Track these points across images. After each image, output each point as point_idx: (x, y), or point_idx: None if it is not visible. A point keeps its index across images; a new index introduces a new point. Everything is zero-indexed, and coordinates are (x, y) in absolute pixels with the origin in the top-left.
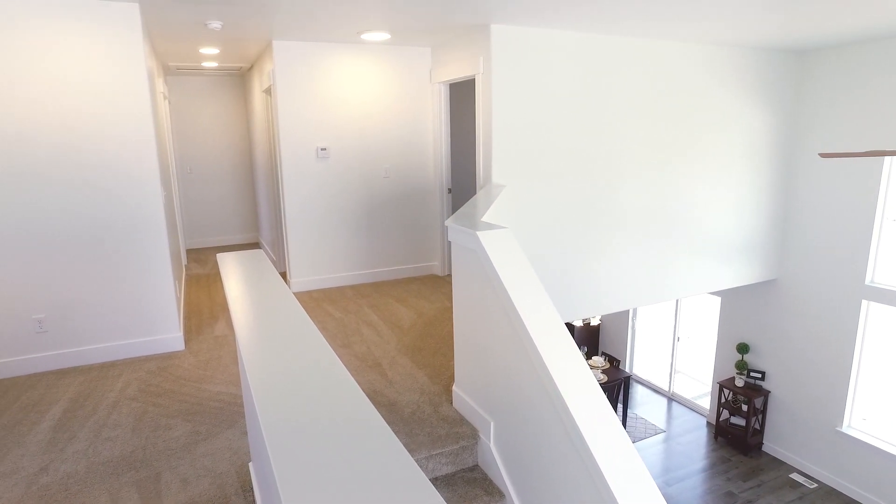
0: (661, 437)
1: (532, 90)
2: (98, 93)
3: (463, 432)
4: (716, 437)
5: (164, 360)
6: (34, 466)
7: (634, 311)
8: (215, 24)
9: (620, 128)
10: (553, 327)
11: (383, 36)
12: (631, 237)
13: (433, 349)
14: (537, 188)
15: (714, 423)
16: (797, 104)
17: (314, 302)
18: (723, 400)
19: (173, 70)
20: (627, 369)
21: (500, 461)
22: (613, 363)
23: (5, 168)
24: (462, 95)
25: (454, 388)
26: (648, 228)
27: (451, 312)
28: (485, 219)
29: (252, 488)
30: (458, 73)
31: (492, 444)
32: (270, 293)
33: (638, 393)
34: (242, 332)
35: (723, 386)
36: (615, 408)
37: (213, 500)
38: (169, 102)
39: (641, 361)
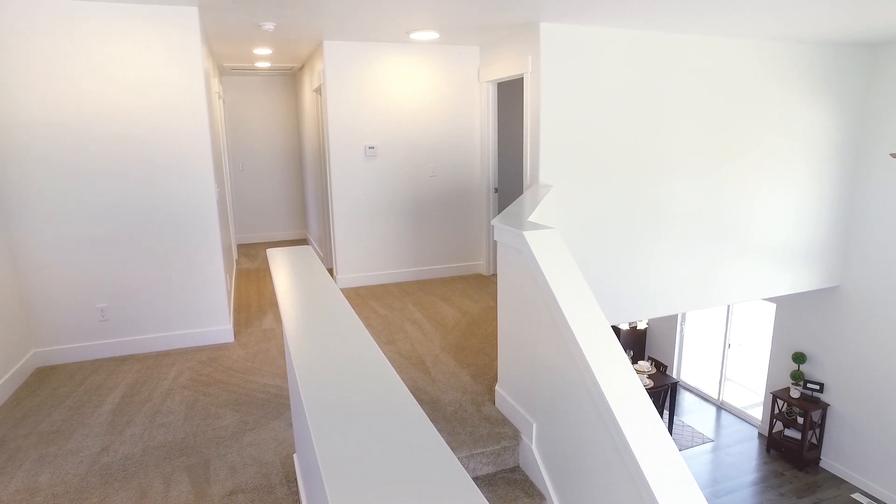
0: (708, 446)
1: (581, 89)
2: (158, 93)
3: (505, 433)
4: (768, 450)
5: (215, 352)
6: (96, 446)
7: (683, 315)
8: (269, 26)
9: (672, 127)
10: (599, 330)
11: (432, 35)
12: (681, 239)
13: (477, 348)
14: (585, 188)
15: (766, 434)
16: (867, 101)
17: (360, 298)
18: (776, 411)
19: (228, 70)
20: (675, 375)
21: (541, 463)
22: (660, 368)
23: (74, 164)
24: (509, 94)
25: (497, 387)
26: (699, 231)
27: (496, 312)
28: (531, 219)
29: (296, 479)
30: (507, 72)
31: (534, 446)
32: (318, 289)
33: (685, 400)
34: (290, 326)
35: (777, 396)
36: (661, 414)
37: (258, 489)
38: (223, 102)
39: (690, 368)
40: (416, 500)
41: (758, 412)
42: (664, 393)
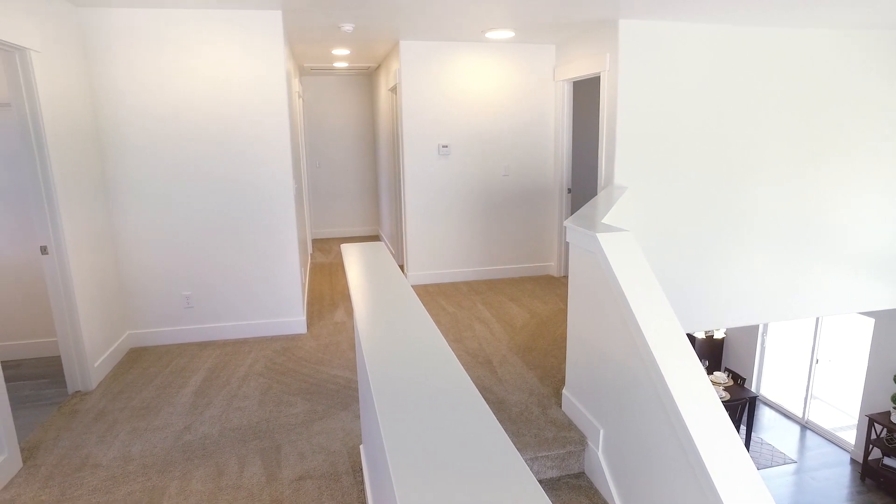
0: (791, 467)
1: (659, 88)
2: (243, 92)
3: (571, 437)
4: (862, 479)
5: (289, 342)
6: (180, 424)
7: (765, 326)
8: (348, 27)
9: (755, 126)
10: (673, 337)
11: (507, 34)
12: (764, 245)
13: (545, 350)
14: (662, 190)
15: (861, 461)
16: None
17: (429, 296)
18: (873, 436)
19: (308, 70)
20: (754, 389)
21: (607, 471)
22: (738, 381)
23: (166, 160)
24: (584, 93)
25: (564, 391)
26: (785, 236)
27: (566, 314)
28: (605, 220)
29: (362, 470)
30: (583, 70)
31: (600, 453)
32: (390, 284)
33: (765, 416)
34: (362, 320)
35: (874, 420)
36: (737, 429)
37: (325, 476)
38: (303, 101)
39: (771, 382)
40: (481, 497)
41: (850, 435)
42: (741, 407)
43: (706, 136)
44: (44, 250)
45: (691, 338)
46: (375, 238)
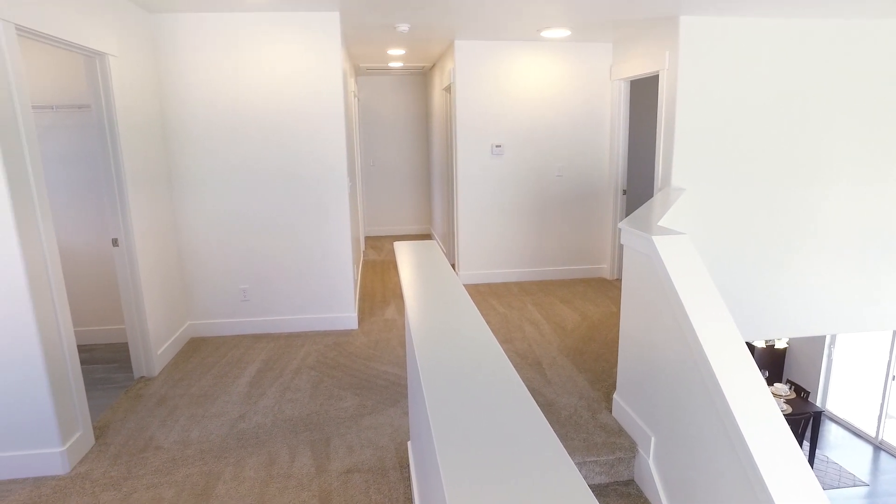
0: (861, 490)
1: (721, 86)
2: (302, 90)
3: (621, 443)
4: None
5: (340, 337)
6: (235, 413)
7: (832, 337)
8: (403, 27)
9: (825, 126)
10: (730, 345)
11: (563, 33)
12: (832, 252)
13: (595, 354)
14: (722, 193)
15: None
16: None
17: (479, 295)
18: None
19: (363, 70)
20: (819, 403)
21: (658, 480)
22: (801, 394)
23: (227, 156)
24: (641, 93)
25: (615, 396)
26: (856, 242)
27: (618, 318)
28: (661, 223)
29: (409, 466)
30: (641, 69)
31: (651, 461)
32: (442, 283)
33: (831, 433)
34: (414, 318)
35: None
36: (800, 445)
37: (373, 470)
38: (358, 100)
39: (838, 397)
40: (530, 497)
41: None
42: (805, 422)
43: (771, 136)
44: (115, 242)
45: (750, 346)
46: (427, 237)
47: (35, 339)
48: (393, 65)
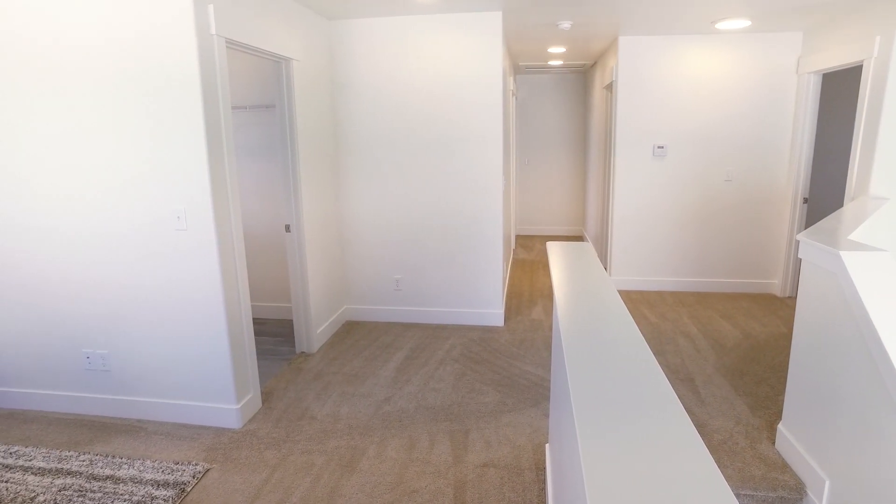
0: None
1: None
2: (461, 91)
3: (784, 481)
4: None
5: (485, 332)
6: (382, 395)
7: None
8: (565, 24)
9: None
10: None
11: (742, 23)
12: None
13: (758, 376)
14: None
15: None
16: None
17: (631, 303)
18: None
19: (522, 69)
20: None
21: None
22: None
23: (390, 153)
24: (831, 88)
25: (780, 426)
26: None
27: (789, 340)
28: (852, 237)
29: (545, 468)
30: (839, 59)
31: None
32: (595, 287)
33: None
34: (564, 321)
35: None
36: None
37: (508, 468)
38: (516, 98)
39: None
40: None
41: None
42: None
43: None
44: (287, 228)
45: None
46: (579, 238)
47: (222, 311)
48: (553, 63)
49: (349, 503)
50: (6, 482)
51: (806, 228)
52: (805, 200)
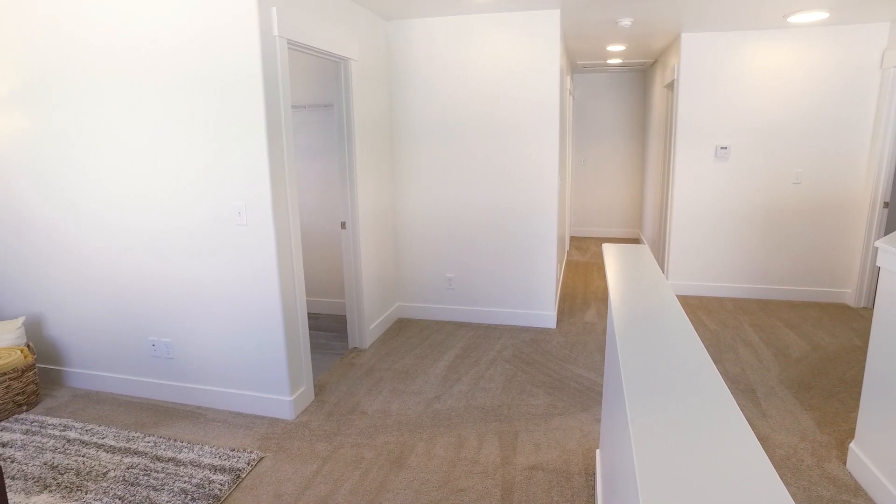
0: None
1: None
2: (517, 90)
3: None
4: None
5: (537, 334)
6: (432, 393)
7: None
8: (625, 22)
9: None
10: None
11: (819, 15)
12: None
13: (827, 391)
14: None
15: None
16: None
17: (688, 308)
18: None
19: (579, 68)
20: None
21: None
22: None
23: (446, 152)
24: None
25: (852, 445)
26: None
27: (863, 353)
28: None
29: (595, 474)
30: None
31: None
32: (653, 292)
33: None
34: (619, 325)
35: None
36: None
37: (557, 472)
38: (573, 98)
39: None
40: None
41: None
42: None
43: None
44: (343, 225)
45: None
46: (635, 241)
47: (278, 305)
48: (611, 61)
49: (397, 499)
50: (83, 457)
51: (886, 235)
52: (885, 205)
